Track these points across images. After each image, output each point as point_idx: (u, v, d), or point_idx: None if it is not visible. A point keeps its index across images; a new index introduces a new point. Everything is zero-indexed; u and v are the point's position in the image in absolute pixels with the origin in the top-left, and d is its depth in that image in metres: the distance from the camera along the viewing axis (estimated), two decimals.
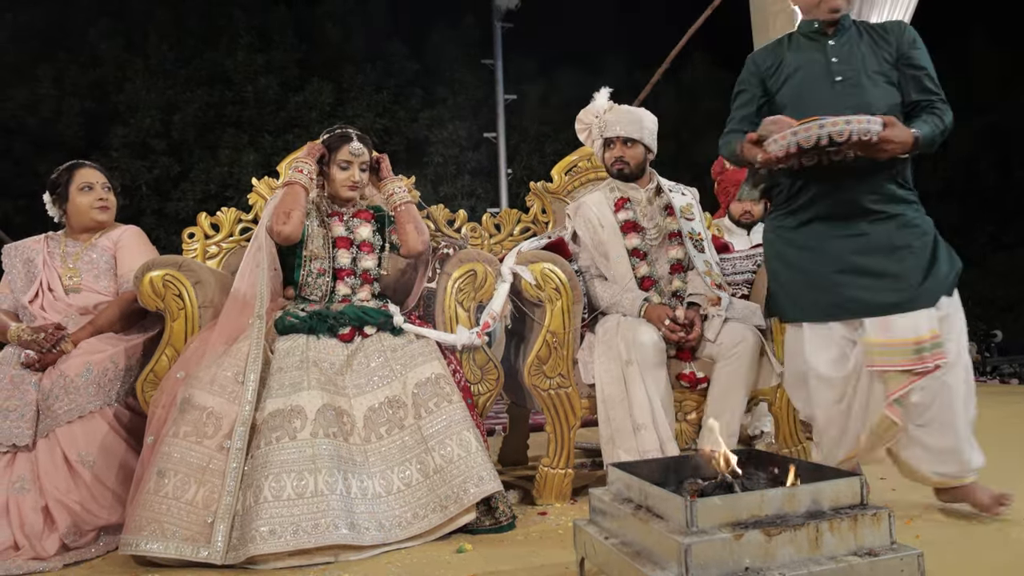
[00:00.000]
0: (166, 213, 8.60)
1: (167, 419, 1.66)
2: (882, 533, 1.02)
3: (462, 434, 1.66)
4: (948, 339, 1.62)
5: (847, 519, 1.00)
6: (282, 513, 1.49)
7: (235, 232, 2.42)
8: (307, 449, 1.56)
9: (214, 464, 1.58)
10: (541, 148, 9.93)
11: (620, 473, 1.18)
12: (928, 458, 1.64)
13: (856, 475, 1.06)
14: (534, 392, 1.97)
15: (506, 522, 1.69)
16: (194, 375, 1.69)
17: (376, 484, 1.61)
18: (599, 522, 1.21)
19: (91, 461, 1.76)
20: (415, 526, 1.58)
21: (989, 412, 3.30)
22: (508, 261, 2.01)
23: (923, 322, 1.62)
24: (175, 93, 8.96)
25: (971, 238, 9.25)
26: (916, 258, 1.64)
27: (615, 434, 1.88)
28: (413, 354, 1.77)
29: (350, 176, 2.02)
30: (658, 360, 1.93)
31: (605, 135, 2.18)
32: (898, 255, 1.64)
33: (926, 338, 1.60)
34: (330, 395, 1.67)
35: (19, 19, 8.78)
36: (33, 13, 8.85)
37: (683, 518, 0.97)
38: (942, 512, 1.67)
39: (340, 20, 10.11)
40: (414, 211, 2.06)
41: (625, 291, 2.09)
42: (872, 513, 1.02)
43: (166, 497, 1.53)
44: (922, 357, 1.60)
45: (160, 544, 1.49)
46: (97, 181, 2.12)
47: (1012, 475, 1.97)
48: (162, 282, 1.83)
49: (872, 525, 1.01)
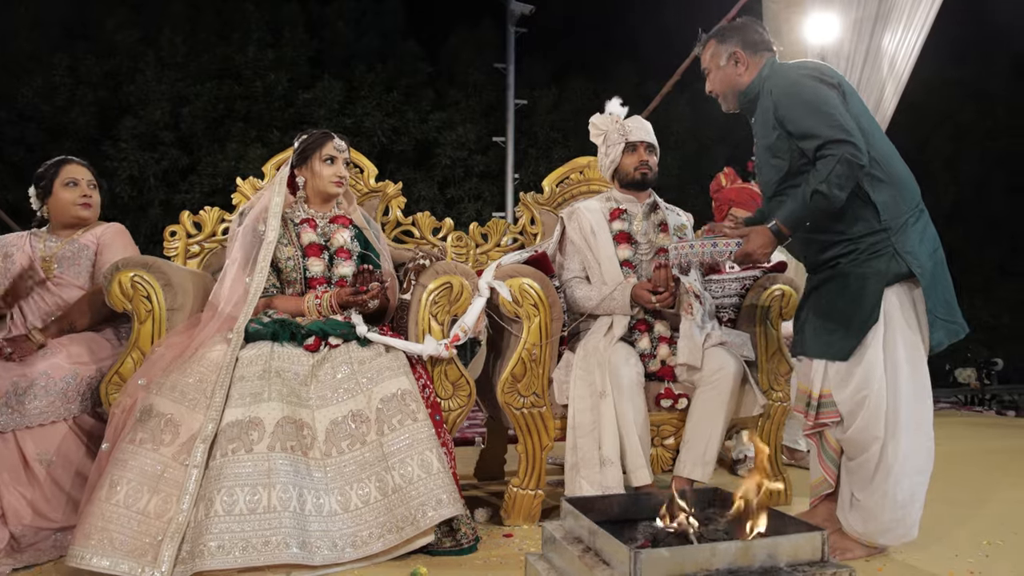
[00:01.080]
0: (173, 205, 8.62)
1: (125, 425, 1.62)
2: None
3: (424, 454, 1.60)
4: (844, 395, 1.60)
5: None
6: (232, 528, 1.45)
7: (218, 232, 2.39)
8: (263, 463, 1.52)
9: (169, 473, 1.54)
10: (549, 154, 9.87)
11: (572, 509, 1.13)
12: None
13: (818, 530, 1.00)
14: (507, 410, 1.92)
15: (467, 544, 1.63)
16: (156, 382, 1.65)
17: (333, 501, 1.57)
18: (550, 558, 1.16)
19: (48, 460, 1.73)
20: (370, 546, 1.53)
21: (971, 444, 3.26)
22: (487, 275, 1.96)
23: (818, 375, 1.62)
24: (185, 86, 8.99)
25: (978, 264, 9.09)
26: (826, 305, 1.63)
27: (580, 463, 1.84)
28: (380, 368, 1.73)
29: (336, 171, 2.01)
30: (636, 384, 1.88)
31: (629, 139, 2.16)
32: (819, 299, 1.66)
33: (816, 394, 1.63)
34: (291, 407, 1.62)
35: (41, 7, 8.87)
36: (53, 2, 8.93)
37: (627, 569, 0.92)
38: (918, 562, 1.60)
39: (354, 19, 10.12)
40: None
41: (611, 288, 2.06)
42: (832, 572, 0.96)
43: (117, 505, 1.49)
44: (807, 413, 1.65)
45: (108, 560, 1.44)
46: (83, 178, 2.10)
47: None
48: (130, 283, 1.80)
49: None
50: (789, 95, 1.63)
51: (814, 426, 1.67)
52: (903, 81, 3.81)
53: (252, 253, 1.90)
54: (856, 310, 1.57)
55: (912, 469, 1.56)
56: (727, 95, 1.81)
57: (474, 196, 9.96)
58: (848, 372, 1.58)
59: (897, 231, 1.59)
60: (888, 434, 1.55)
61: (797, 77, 1.65)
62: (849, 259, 1.60)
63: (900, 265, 1.57)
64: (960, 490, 2.33)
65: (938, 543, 1.71)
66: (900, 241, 1.58)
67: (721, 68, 1.78)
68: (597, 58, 10.69)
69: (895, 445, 1.54)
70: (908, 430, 1.55)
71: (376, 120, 9.39)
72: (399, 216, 2.48)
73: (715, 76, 1.80)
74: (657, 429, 1.98)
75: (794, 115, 1.61)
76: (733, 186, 2.81)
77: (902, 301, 1.58)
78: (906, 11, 3.98)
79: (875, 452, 1.56)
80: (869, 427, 1.56)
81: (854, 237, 1.60)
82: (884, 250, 1.58)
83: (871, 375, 1.55)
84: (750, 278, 2.25)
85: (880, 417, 1.55)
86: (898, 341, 1.57)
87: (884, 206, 1.59)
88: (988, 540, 1.72)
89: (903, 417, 1.55)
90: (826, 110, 1.57)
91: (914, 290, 1.60)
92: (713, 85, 1.81)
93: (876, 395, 1.55)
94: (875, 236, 1.59)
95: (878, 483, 1.55)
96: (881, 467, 1.55)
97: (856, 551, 1.60)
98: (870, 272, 1.57)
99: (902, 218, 1.60)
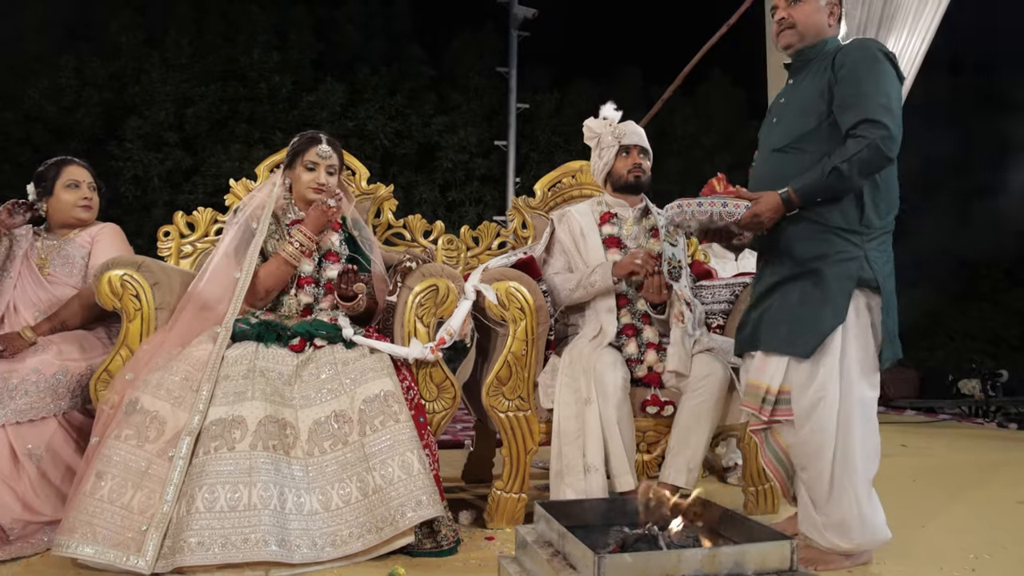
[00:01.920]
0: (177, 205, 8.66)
1: (113, 420, 1.63)
2: None
3: (405, 455, 1.61)
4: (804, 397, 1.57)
5: None
6: (212, 525, 1.46)
7: (210, 232, 2.40)
8: (244, 461, 1.53)
9: (153, 469, 1.55)
10: (551, 158, 9.89)
11: (544, 513, 1.13)
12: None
13: (787, 538, 0.99)
14: (491, 413, 1.93)
15: (447, 546, 1.64)
16: (143, 378, 1.67)
17: (314, 500, 1.57)
18: (522, 561, 1.16)
19: (39, 455, 1.74)
20: (349, 546, 1.54)
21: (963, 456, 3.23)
22: (473, 278, 1.96)
23: (779, 371, 1.59)
24: (190, 87, 9.06)
25: (986, 273, 9.02)
26: (793, 299, 1.60)
27: (564, 470, 1.84)
28: (364, 369, 1.73)
29: (315, 178, 2.00)
30: (621, 390, 1.88)
31: (623, 142, 2.17)
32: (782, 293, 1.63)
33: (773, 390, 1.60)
34: (275, 406, 1.63)
35: (47, 10, 8.97)
36: (59, 5, 9.03)
37: (591, 573, 0.92)
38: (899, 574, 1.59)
39: (361, 22, 10.18)
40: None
41: (590, 269, 2.05)
42: None
43: (101, 500, 1.51)
44: (763, 409, 1.61)
45: (92, 548, 1.46)
46: (84, 180, 2.14)
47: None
48: (120, 282, 1.81)
49: None
50: (862, 63, 1.57)
51: (767, 421, 1.63)
52: (907, 86, 3.81)
53: (242, 248, 1.91)
54: (825, 310, 1.56)
55: (869, 475, 1.56)
56: (803, 32, 1.67)
57: (475, 200, 9.98)
58: (811, 372, 1.56)
59: (870, 239, 1.60)
60: (839, 440, 1.54)
61: (875, 53, 1.59)
62: (823, 260, 1.59)
63: (867, 272, 1.57)
64: (953, 502, 2.32)
65: (925, 555, 1.70)
66: (870, 249, 1.59)
67: (819, 4, 1.66)
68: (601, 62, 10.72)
69: (850, 450, 1.54)
70: (862, 438, 1.55)
71: (379, 123, 9.44)
72: (391, 218, 2.49)
73: (806, 8, 1.66)
74: (643, 435, 1.97)
75: (854, 80, 1.56)
76: (728, 191, 2.80)
77: (858, 307, 1.58)
78: (910, 16, 3.98)
79: (828, 461, 1.54)
80: (821, 431, 1.54)
81: (829, 227, 1.58)
82: (853, 255, 1.57)
83: (830, 376, 1.55)
84: (740, 284, 2.24)
85: (833, 419, 1.54)
86: (852, 346, 1.57)
87: (870, 209, 1.59)
88: (976, 554, 1.71)
89: (856, 422, 1.54)
90: (885, 91, 1.54)
91: (871, 299, 1.59)
92: (797, 13, 1.67)
93: (830, 399, 1.54)
94: (848, 235, 1.58)
95: (840, 495, 1.54)
96: (837, 475, 1.54)
97: (842, 561, 1.58)
98: (843, 274, 1.56)
99: (876, 230, 1.61)
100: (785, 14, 1.69)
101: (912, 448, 3.62)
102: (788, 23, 1.69)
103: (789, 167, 1.63)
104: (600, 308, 2.04)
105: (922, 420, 5.22)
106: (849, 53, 1.61)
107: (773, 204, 1.57)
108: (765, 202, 1.58)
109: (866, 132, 1.51)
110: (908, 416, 5.48)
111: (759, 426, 1.66)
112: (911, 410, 5.85)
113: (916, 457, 3.34)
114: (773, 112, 1.78)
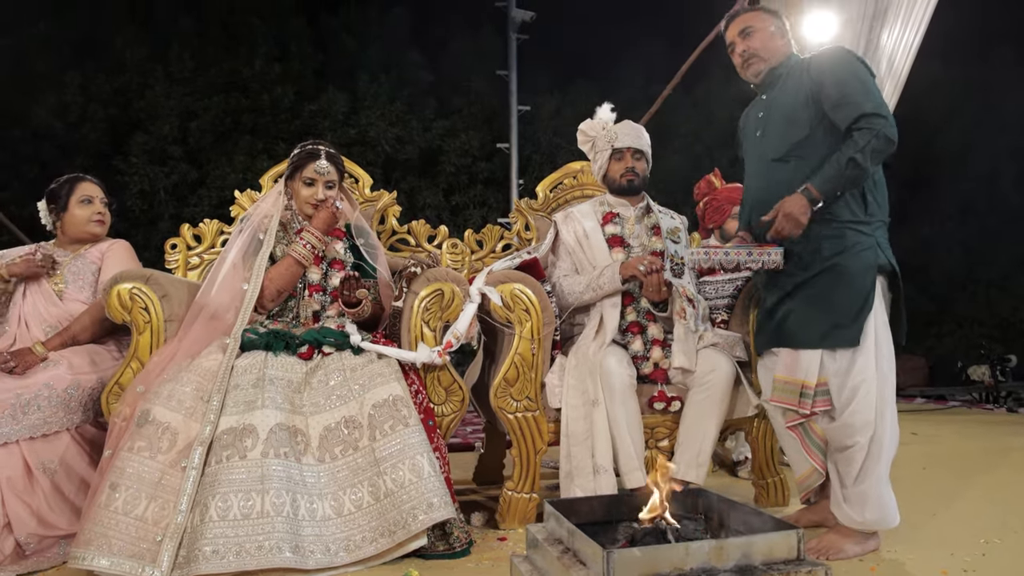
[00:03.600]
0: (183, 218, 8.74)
1: (125, 433, 1.66)
2: None
3: (415, 459, 1.62)
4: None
5: (779, 575, 0.95)
6: (226, 533, 1.48)
7: (217, 244, 2.43)
8: (256, 469, 1.55)
9: (166, 480, 1.57)
10: (553, 159, 9.88)
11: (553, 511, 1.14)
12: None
13: (794, 528, 1.00)
14: (500, 415, 1.94)
15: (460, 548, 1.65)
16: (154, 390, 1.69)
17: (327, 506, 1.59)
18: (533, 559, 1.17)
19: (52, 469, 1.77)
20: (363, 550, 1.55)
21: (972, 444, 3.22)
22: (478, 281, 1.98)
23: (814, 365, 1.65)
24: (193, 100, 9.11)
25: (992, 259, 8.96)
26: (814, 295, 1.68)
27: (574, 471, 1.85)
28: (372, 375, 1.75)
29: (313, 194, 2.02)
30: (628, 387, 1.89)
31: (616, 145, 2.18)
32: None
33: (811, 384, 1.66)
34: (285, 414, 1.65)
35: (51, 28, 9.06)
36: (64, 22, 9.13)
37: (601, 568, 0.93)
38: (912, 561, 1.59)
39: (359, 31, 10.23)
40: None
41: (599, 272, 2.08)
42: (807, 570, 0.96)
43: (116, 512, 1.53)
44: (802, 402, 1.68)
45: (107, 560, 1.48)
46: (96, 196, 2.19)
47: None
48: (129, 295, 1.84)
49: None
50: (840, 66, 1.71)
51: (808, 415, 1.69)
52: (902, 78, 3.79)
53: (250, 257, 1.94)
54: (857, 300, 1.63)
55: (889, 459, 1.62)
56: (767, 57, 1.84)
57: (479, 203, 9.99)
58: (851, 359, 1.63)
59: (876, 228, 1.69)
60: (878, 419, 1.61)
61: (848, 55, 1.73)
62: (843, 255, 1.66)
63: (883, 259, 1.67)
64: (964, 488, 2.31)
65: (935, 541, 1.70)
66: (879, 237, 1.68)
67: (769, 31, 1.84)
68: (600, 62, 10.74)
69: (883, 430, 1.60)
70: (892, 419, 1.63)
71: (380, 130, 9.46)
72: (395, 225, 2.51)
73: (760, 37, 1.84)
74: (651, 432, 1.98)
75: (839, 82, 1.67)
76: (726, 187, 2.81)
77: (880, 292, 1.66)
78: (903, 7, 3.96)
79: (865, 439, 1.60)
80: (863, 411, 1.61)
81: (842, 222, 1.67)
82: (868, 244, 1.66)
83: (868, 361, 1.62)
84: (742, 279, 2.25)
85: (872, 402, 1.61)
86: (881, 331, 1.65)
87: (872, 200, 1.70)
88: (986, 539, 1.71)
89: (889, 405, 1.63)
90: (873, 89, 1.67)
91: (884, 283, 1.69)
92: (754, 44, 1.85)
93: (870, 381, 1.62)
94: (860, 227, 1.67)
95: (868, 469, 1.60)
96: (872, 453, 1.60)
97: (851, 550, 1.60)
98: (864, 265, 1.65)
99: (879, 220, 1.70)
100: (745, 47, 1.85)
101: (922, 436, 3.61)
102: (751, 53, 1.85)
103: (794, 173, 1.71)
104: (605, 302, 2.06)
105: (932, 408, 5.19)
106: (826, 61, 1.74)
107: (800, 202, 1.63)
108: (791, 203, 1.63)
109: (870, 124, 1.61)
110: (918, 404, 5.45)
111: (797, 420, 1.72)
112: (921, 398, 5.82)
113: (926, 445, 3.33)
114: (755, 126, 1.86)
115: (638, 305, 2.09)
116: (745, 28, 1.85)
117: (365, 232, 2.17)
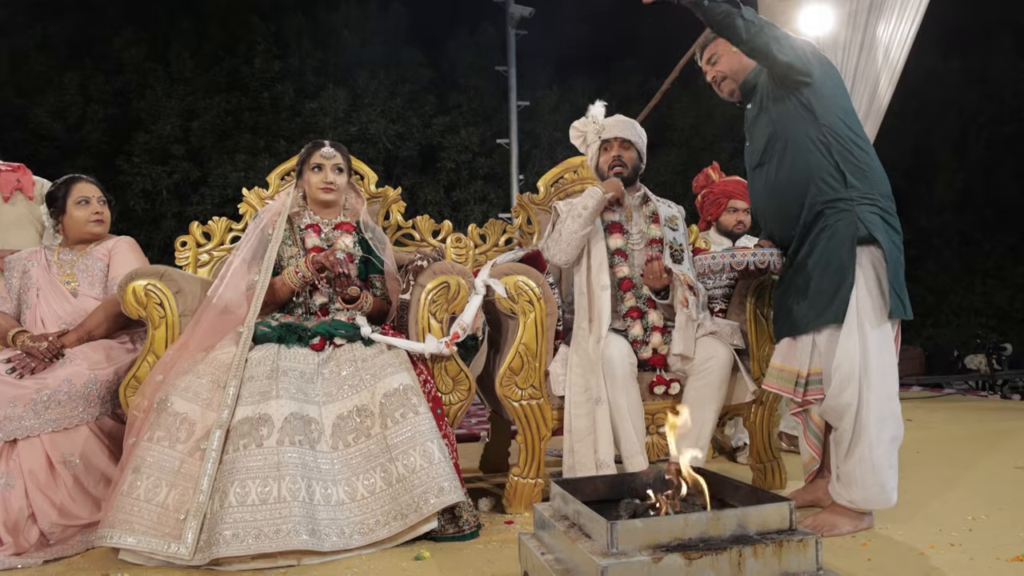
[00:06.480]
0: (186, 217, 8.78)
1: (144, 422, 1.72)
2: (808, 559, 1.02)
3: (425, 445, 1.68)
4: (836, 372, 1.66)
5: (772, 544, 1.01)
6: (245, 518, 1.54)
7: (226, 241, 2.49)
8: (272, 456, 1.61)
9: (186, 468, 1.64)
10: (553, 154, 9.92)
11: (559, 491, 1.20)
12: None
13: (786, 500, 1.06)
14: (505, 403, 2.00)
15: (469, 531, 1.71)
16: (171, 381, 1.75)
17: (341, 491, 1.65)
18: (540, 536, 1.23)
19: (74, 463, 1.82)
20: (376, 533, 1.61)
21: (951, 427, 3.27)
22: (483, 274, 2.04)
23: (806, 354, 1.70)
24: (194, 100, 9.16)
25: (989, 249, 9.01)
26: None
27: (577, 466, 1.91)
28: (383, 365, 1.81)
29: (323, 177, 2.09)
30: (629, 375, 1.95)
31: (603, 137, 2.24)
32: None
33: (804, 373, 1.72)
34: (299, 403, 1.71)
35: (49, 29, 9.08)
36: (63, 23, 9.15)
37: (605, 540, 0.99)
38: (902, 537, 1.65)
39: (357, 27, 10.25)
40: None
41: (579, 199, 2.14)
42: (799, 539, 1.02)
43: (138, 499, 1.59)
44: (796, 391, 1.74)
45: (133, 538, 1.55)
46: (93, 195, 2.21)
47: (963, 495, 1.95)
48: (144, 291, 1.90)
49: (798, 551, 1.02)
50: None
51: (802, 404, 1.74)
52: (898, 70, 3.84)
53: (259, 253, 2.00)
54: (835, 275, 1.67)
55: (886, 437, 1.63)
56: (735, 76, 1.93)
57: (480, 198, 10.04)
58: (835, 338, 1.66)
59: (859, 204, 1.68)
60: (861, 400, 1.63)
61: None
62: (822, 234, 1.70)
63: (862, 229, 1.66)
64: (952, 468, 2.37)
65: (923, 518, 1.76)
66: (861, 211, 1.68)
67: (732, 51, 1.90)
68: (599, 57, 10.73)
69: (867, 411, 1.63)
70: (878, 397, 1.63)
71: (381, 126, 9.50)
72: (399, 220, 2.57)
73: (725, 60, 1.93)
74: (652, 417, 2.04)
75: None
76: (723, 180, 2.86)
77: (863, 265, 1.66)
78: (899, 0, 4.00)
79: (850, 420, 1.64)
80: (844, 392, 1.63)
81: (821, 202, 1.71)
82: (847, 219, 1.68)
83: (851, 339, 1.64)
84: None
85: (853, 380, 1.63)
86: (864, 304, 1.65)
87: (851, 177, 1.71)
88: (973, 515, 1.77)
89: (873, 382, 1.63)
90: (799, 45, 1.76)
91: (874, 257, 1.67)
92: (721, 68, 1.94)
93: (852, 360, 1.63)
94: (838, 203, 1.69)
95: (853, 449, 1.64)
96: (856, 433, 1.64)
97: (844, 527, 1.66)
98: (841, 236, 1.68)
99: (865, 196, 1.69)
100: (714, 72, 1.97)
101: (916, 422, 3.67)
102: (720, 77, 1.95)
103: (766, 176, 1.81)
104: (594, 286, 2.07)
105: (927, 395, 5.26)
106: None
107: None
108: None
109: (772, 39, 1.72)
110: (914, 392, 5.52)
111: (798, 408, 1.79)
112: (918, 387, 5.88)
113: (920, 430, 3.39)
114: (746, 138, 1.95)
115: (639, 291, 2.15)
116: (711, 56, 1.96)
117: (372, 227, 2.23)
